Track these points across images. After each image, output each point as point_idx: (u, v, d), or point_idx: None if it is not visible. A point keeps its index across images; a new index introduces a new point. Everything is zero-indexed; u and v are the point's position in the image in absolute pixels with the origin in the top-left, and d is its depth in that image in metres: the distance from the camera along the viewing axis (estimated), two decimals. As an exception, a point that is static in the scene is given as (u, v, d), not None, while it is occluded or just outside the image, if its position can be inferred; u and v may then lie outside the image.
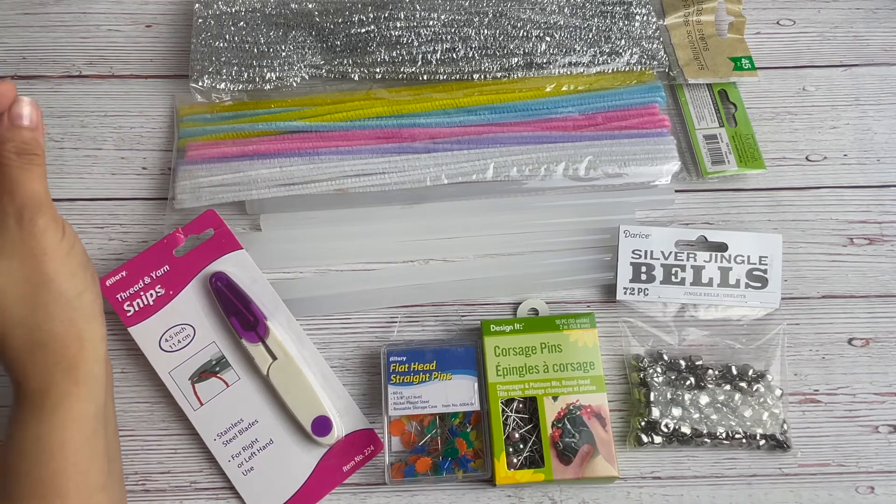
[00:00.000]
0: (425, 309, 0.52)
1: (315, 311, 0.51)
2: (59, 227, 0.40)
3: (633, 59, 0.56)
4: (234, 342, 0.48)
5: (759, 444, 0.48)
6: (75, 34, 0.59)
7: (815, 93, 0.59)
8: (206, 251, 0.49)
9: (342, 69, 0.55)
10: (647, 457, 0.49)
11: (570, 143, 0.54)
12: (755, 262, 0.51)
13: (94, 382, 0.40)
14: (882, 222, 0.55)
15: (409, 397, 0.47)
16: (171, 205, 0.52)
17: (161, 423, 0.48)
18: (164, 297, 0.48)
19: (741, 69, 0.57)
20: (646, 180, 0.53)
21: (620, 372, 0.51)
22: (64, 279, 0.40)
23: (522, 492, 0.48)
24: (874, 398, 0.50)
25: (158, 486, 0.47)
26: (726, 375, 0.49)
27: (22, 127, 0.39)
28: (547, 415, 0.47)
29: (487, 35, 0.55)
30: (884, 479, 0.48)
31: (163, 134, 0.56)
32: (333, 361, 0.50)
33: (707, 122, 0.56)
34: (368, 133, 0.53)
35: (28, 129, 0.39)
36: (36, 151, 0.39)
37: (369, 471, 0.48)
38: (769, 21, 0.61)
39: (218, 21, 0.56)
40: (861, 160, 0.56)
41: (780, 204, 0.55)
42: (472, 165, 0.52)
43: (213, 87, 0.54)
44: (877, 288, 0.53)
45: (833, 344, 0.51)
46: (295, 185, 0.51)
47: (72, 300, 0.40)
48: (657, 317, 0.51)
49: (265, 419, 0.47)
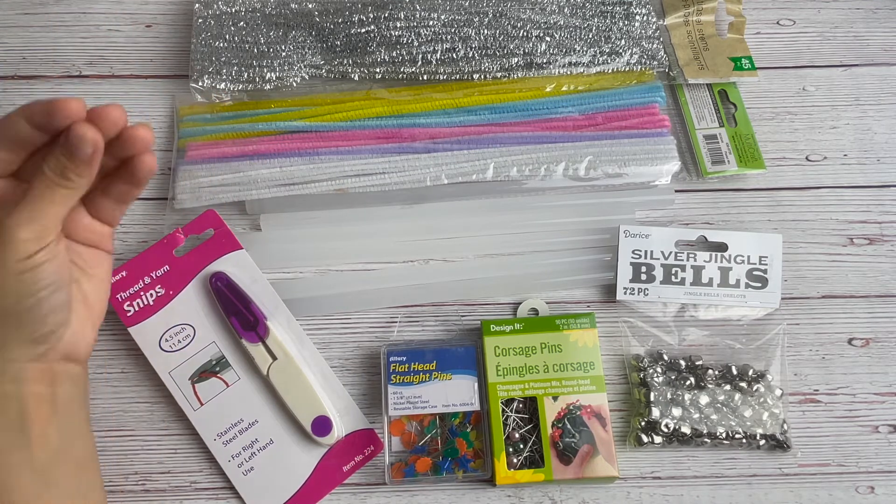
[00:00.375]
0: (425, 309, 0.52)
1: (315, 311, 0.51)
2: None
3: (633, 59, 0.56)
4: (234, 342, 0.48)
5: (759, 444, 0.48)
6: (75, 34, 0.59)
7: (815, 93, 0.59)
8: (206, 251, 0.49)
9: (342, 69, 0.55)
10: (647, 457, 0.49)
11: (570, 143, 0.54)
12: (755, 262, 0.51)
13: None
14: (882, 222, 0.55)
15: (409, 397, 0.47)
16: (171, 205, 0.52)
17: (161, 423, 0.48)
18: (164, 297, 0.48)
19: (741, 69, 0.57)
20: (646, 180, 0.53)
21: (620, 372, 0.51)
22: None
23: (522, 492, 0.48)
24: (874, 398, 0.50)
25: (158, 486, 0.47)
26: (726, 375, 0.49)
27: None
28: (547, 415, 0.47)
29: (487, 35, 0.55)
30: (884, 479, 0.48)
31: (163, 134, 0.56)
32: (333, 361, 0.50)
33: (707, 122, 0.56)
34: (368, 133, 0.53)
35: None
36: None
37: (369, 471, 0.48)
38: (769, 21, 0.61)
39: (218, 21, 0.56)
40: (861, 160, 0.56)
41: (780, 204, 0.55)
42: (472, 165, 0.52)
43: (213, 87, 0.54)
44: (877, 288, 0.53)
45: (833, 344, 0.51)
46: (295, 185, 0.51)
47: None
48: (657, 317, 0.51)
49: (265, 419, 0.47)
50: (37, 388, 0.40)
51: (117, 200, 0.42)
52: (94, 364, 0.49)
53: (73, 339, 0.41)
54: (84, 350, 0.42)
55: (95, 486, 0.43)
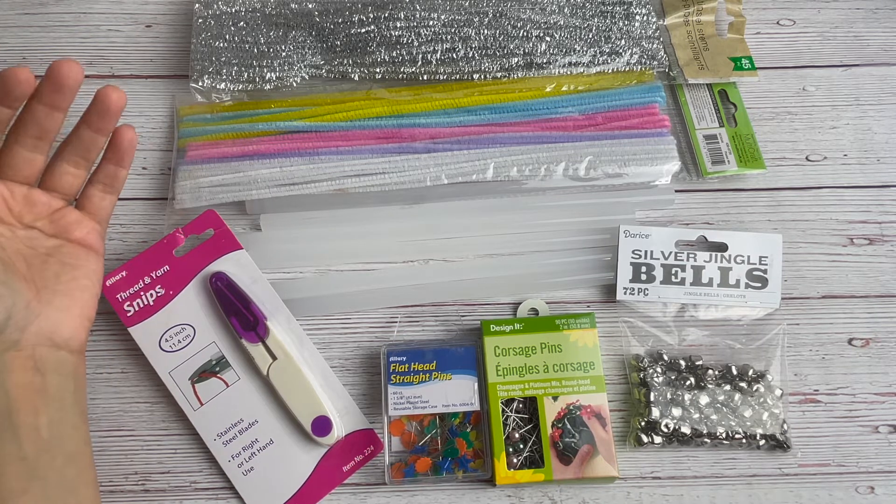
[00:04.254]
0: (425, 309, 0.52)
1: (315, 311, 0.51)
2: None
3: (633, 59, 0.56)
4: (234, 342, 0.48)
5: (759, 444, 0.48)
6: (75, 34, 0.59)
7: (815, 93, 0.59)
8: (206, 251, 0.49)
9: (342, 69, 0.55)
10: (647, 457, 0.49)
11: (570, 143, 0.54)
12: (755, 263, 0.51)
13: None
14: (882, 222, 0.55)
15: (409, 397, 0.47)
16: (171, 205, 0.52)
17: (161, 423, 0.48)
18: (164, 298, 0.48)
19: (741, 69, 0.57)
20: (646, 180, 0.53)
21: (620, 372, 0.51)
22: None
23: (522, 492, 0.48)
24: (874, 398, 0.50)
25: (158, 486, 0.47)
26: (726, 375, 0.49)
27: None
28: (547, 415, 0.47)
29: (487, 35, 0.55)
30: (884, 479, 0.48)
31: (163, 134, 0.56)
32: (333, 361, 0.50)
33: (707, 122, 0.56)
34: (368, 133, 0.53)
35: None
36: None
37: (369, 471, 0.48)
38: (769, 21, 0.61)
39: (218, 21, 0.56)
40: (861, 160, 0.56)
41: (780, 204, 0.55)
42: (472, 165, 0.52)
43: (213, 87, 0.54)
44: (877, 288, 0.53)
45: (833, 344, 0.51)
46: (295, 185, 0.51)
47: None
48: (657, 317, 0.51)
49: (265, 419, 0.47)
50: (22, 377, 0.40)
51: (104, 188, 0.46)
52: (94, 364, 0.49)
53: (48, 325, 0.41)
54: (68, 336, 0.42)
55: (87, 482, 0.42)
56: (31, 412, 0.40)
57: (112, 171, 0.46)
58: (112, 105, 0.43)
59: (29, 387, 0.40)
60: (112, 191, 0.47)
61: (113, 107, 0.43)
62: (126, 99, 0.43)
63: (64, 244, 0.44)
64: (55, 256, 0.43)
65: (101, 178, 0.46)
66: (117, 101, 0.43)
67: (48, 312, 0.42)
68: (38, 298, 0.42)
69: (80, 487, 0.41)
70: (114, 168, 0.46)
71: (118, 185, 0.47)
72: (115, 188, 0.47)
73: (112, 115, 0.43)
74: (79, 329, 0.43)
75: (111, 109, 0.43)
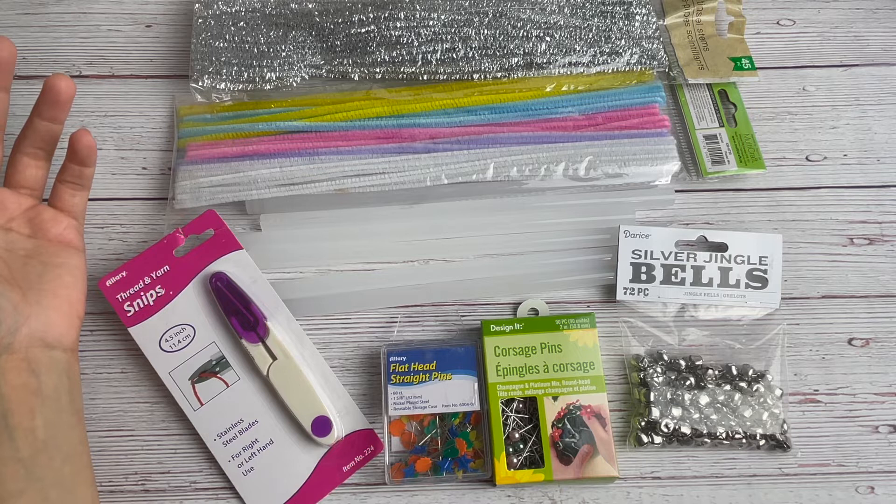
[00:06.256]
0: (425, 309, 0.52)
1: (315, 311, 0.51)
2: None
3: (633, 59, 0.56)
4: (234, 342, 0.48)
5: (759, 444, 0.48)
6: (75, 34, 0.59)
7: (815, 93, 0.59)
8: (206, 251, 0.49)
9: (342, 69, 0.55)
10: (647, 457, 0.49)
11: (570, 143, 0.54)
12: (755, 263, 0.51)
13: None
14: (882, 222, 0.55)
15: (409, 397, 0.47)
16: (171, 205, 0.52)
17: (161, 423, 0.48)
18: (165, 298, 0.48)
19: (741, 69, 0.57)
20: (646, 180, 0.53)
21: (620, 372, 0.51)
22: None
23: (522, 492, 0.48)
24: (874, 398, 0.50)
25: (158, 486, 0.47)
26: (726, 375, 0.49)
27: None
28: (547, 415, 0.47)
29: (487, 35, 0.55)
30: (884, 479, 0.48)
31: (163, 134, 0.56)
32: (333, 361, 0.50)
33: (707, 122, 0.56)
34: (368, 133, 0.53)
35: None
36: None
37: (369, 471, 0.48)
38: (769, 21, 0.61)
39: (218, 21, 0.56)
40: (861, 160, 0.56)
41: (780, 204, 0.55)
42: (472, 165, 0.52)
43: (213, 87, 0.54)
44: (877, 288, 0.53)
45: (833, 344, 0.51)
46: (295, 185, 0.51)
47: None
48: (657, 317, 0.51)
49: (265, 419, 0.47)
50: (17, 379, 0.40)
51: (73, 186, 0.47)
52: (94, 364, 0.49)
53: (38, 326, 0.42)
54: (60, 334, 0.43)
55: (84, 481, 0.42)
56: (26, 414, 0.40)
57: (77, 170, 0.46)
58: (62, 93, 0.43)
59: (24, 388, 0.40)
60: (81, 188, 0.47)
61: (63, 95, 0.43)
62: (75, 87, 0.44)
63: (42, 243, 0.44)
64: (35, 257, 0.44)
65: (68, 177, 0.46)
66: (66, 90, 0.43)
67: (37, 313, 0.42)
68: (25, 300, 0.42)
69: (77, 487, 0.42)
70: (78, 168, 0.46)
71: (86, 182, 0.47)
72: (84, 185, 0.47)
73: (62, 103, 0.44)
74: (69, 327, 0.43)
75: (61, 98, 0.43)
